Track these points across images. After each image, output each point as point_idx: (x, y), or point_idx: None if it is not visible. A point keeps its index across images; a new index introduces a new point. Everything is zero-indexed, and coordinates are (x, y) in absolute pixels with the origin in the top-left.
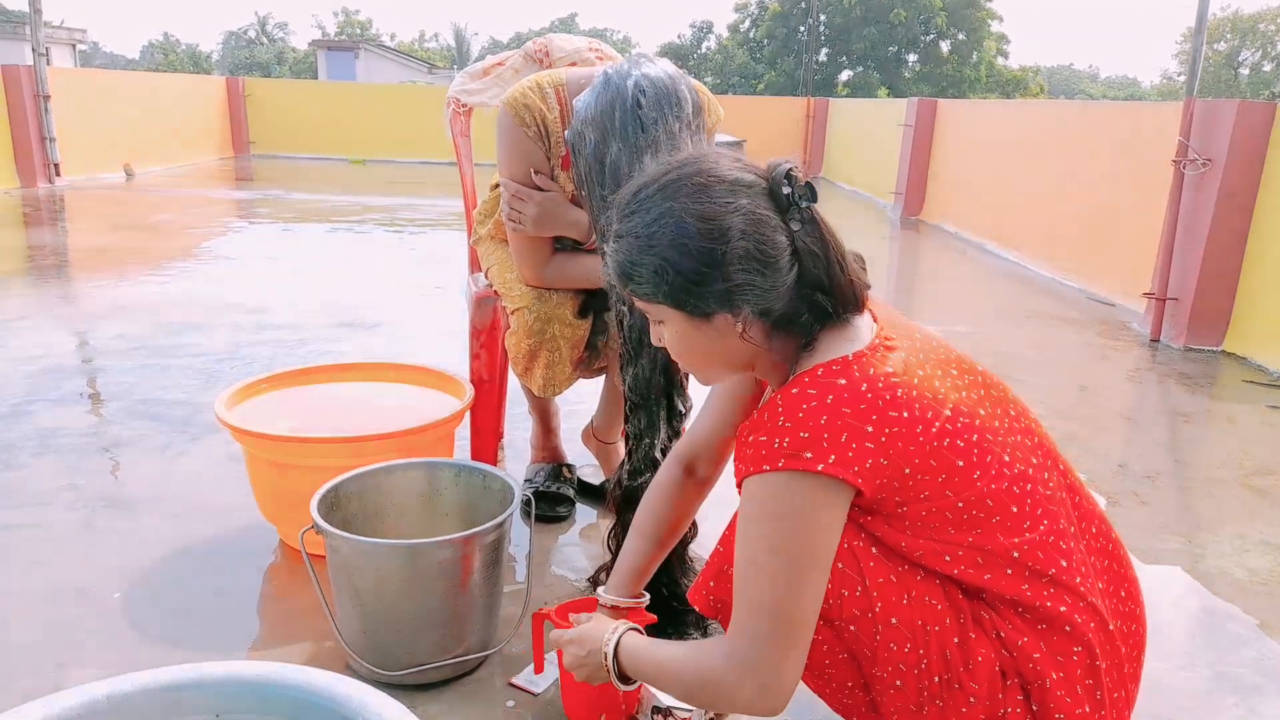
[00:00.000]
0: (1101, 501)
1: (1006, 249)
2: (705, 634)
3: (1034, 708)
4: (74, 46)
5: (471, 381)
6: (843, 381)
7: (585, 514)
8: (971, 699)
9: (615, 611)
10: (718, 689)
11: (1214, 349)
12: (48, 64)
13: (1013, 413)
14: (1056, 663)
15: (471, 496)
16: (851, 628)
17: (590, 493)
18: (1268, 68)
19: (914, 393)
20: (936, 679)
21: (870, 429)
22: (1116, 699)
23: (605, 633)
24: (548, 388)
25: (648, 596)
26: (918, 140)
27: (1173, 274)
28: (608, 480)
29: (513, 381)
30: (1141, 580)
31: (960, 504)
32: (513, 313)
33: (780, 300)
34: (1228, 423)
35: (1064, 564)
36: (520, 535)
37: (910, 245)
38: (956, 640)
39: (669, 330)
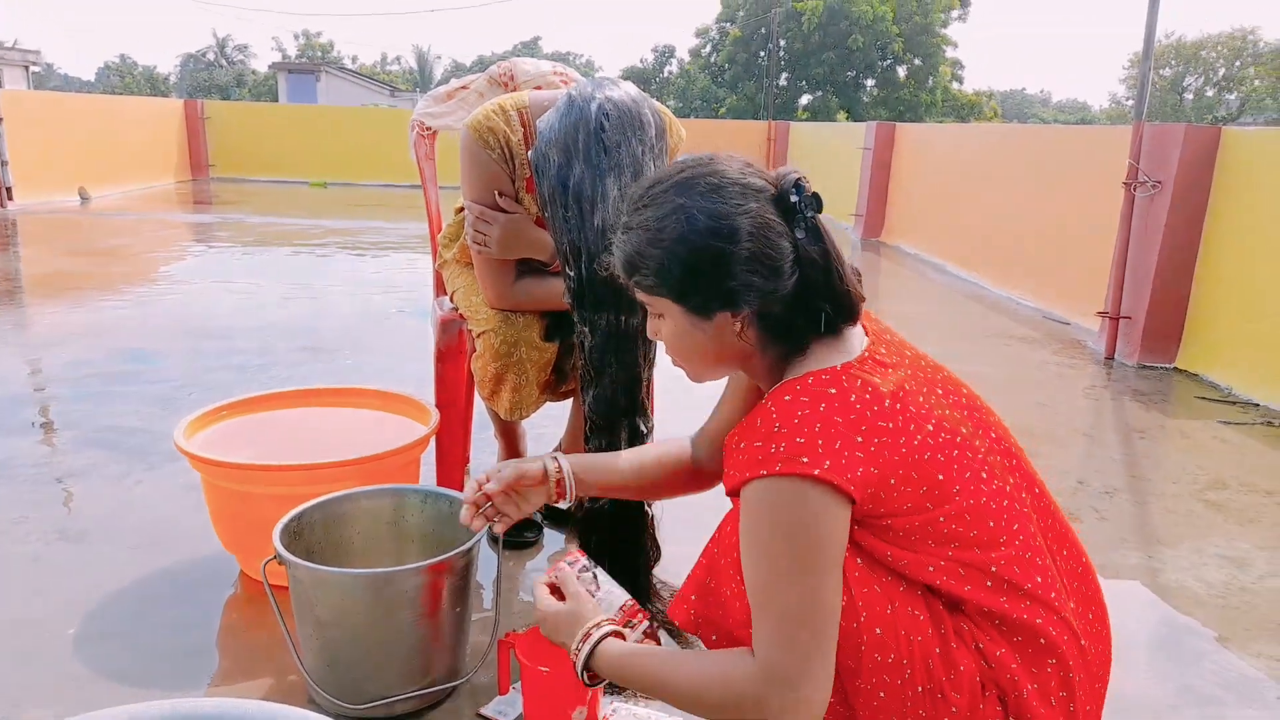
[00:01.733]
0: None
1: (964, 269)
2: None
3: (1010, 719)
4: (27, 69)
5: (437, 406)
6: (833, 390)
7: (553, 539)
8: (954, 709)
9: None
10: (751, 707)
11: (1167, 366)
12: (0, 86)
13: (994, 435)
14: (1032, 674)
15: (438, 523)
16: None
17: (558, 517)
18: (1210, 93)
19: (900, 405)
20: (920, 689)
21: (860, 439)
22: (1088, 711)
23: (585, 625)
24: (515, 411)
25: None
26: (877, 163)
27: (1125, 293)
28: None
29: (478, 405)
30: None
31: (941, 518)
32: (479, 336)
33: (779, 304)
34: (1182, 438)
35: (1039, 579)
36: (487, 562)
37: (871, 266)
38: (939, 650)
39: (667, 325)
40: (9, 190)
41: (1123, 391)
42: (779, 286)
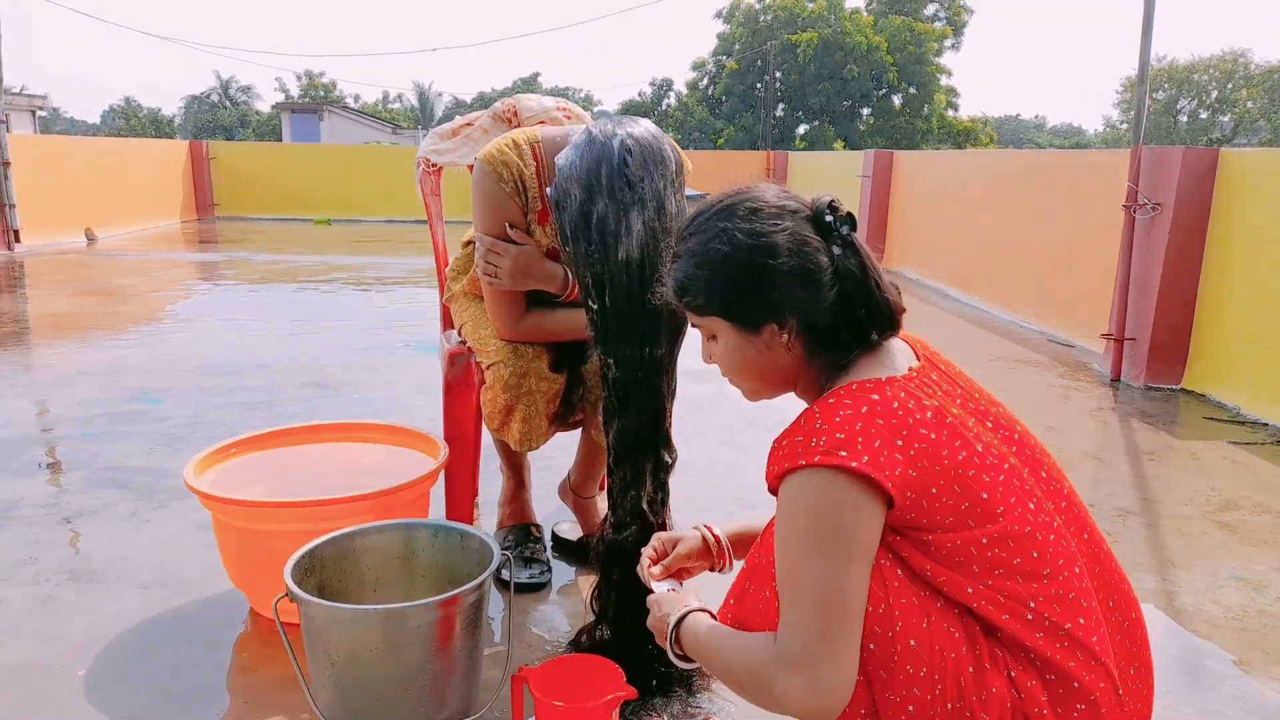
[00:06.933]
0: None
1: (967, 294)
2: (690, 693)
3: None
4: (34, 113)
5: (446, 439)
6: (876, 396)
7: (563, 571)
8: None
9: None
10: (768, 684)
11: (1173, 387)
12: (7, 130)
13: (1044, 474)
14: (1058, 715)
15: (449, 557)
16: (871, 645)
17: (568, 549)
18: (1204, 115)
19: (947, 419)
20: (949, 705)
21: (900, 442)
22: None
23: (678, 606)
24: (525, 442)
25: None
26: (876, 190)
27: (1129, 315)
28: (585, 537)
29: (485, 438)
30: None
31: (984, 539)
32: (488, 368)
33: (822, 315)
34: (1191, 459)
35: (1081, 621)
36: (496, 596)
37: None
38: (971, 670)
39: (720, 344)
40: (16, 233)
41: (1130, 413)
42: (819, 298)
